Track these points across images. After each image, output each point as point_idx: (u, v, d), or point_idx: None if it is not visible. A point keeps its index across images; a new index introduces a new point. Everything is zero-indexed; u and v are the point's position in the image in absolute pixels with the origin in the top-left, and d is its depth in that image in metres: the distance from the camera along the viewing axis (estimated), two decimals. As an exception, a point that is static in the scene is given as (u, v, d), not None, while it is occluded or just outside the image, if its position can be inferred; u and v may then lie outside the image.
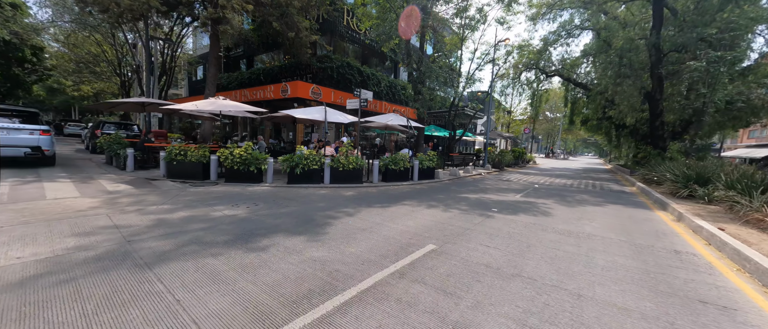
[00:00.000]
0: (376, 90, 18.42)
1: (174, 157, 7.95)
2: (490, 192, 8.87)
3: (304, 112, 9.29)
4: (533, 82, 25.69)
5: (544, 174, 16.55)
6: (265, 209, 5.46)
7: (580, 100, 26.18)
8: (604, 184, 12.59)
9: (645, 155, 16.85)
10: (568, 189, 10.40)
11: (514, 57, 21.93)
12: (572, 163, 35.43)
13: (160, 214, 4.73)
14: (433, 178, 11.32)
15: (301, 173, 8.18)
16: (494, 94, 19.71)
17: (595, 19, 18.30)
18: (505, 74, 24.74)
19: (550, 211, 6.44)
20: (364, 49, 20.69)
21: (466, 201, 7.27)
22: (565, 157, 59.36)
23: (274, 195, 6.82)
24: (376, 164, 9.42)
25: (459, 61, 18.77)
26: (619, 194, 9.76)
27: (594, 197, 8.82)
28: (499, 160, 19.38)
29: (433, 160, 11.19)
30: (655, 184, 10.99)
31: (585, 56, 22.93)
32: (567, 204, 7.48)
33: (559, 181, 13.13)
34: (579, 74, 24.58)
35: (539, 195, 8.83)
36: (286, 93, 15.21)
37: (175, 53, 21.24)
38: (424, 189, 8.90)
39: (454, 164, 15.34)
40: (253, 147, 9.92)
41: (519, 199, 7.87)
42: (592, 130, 27.26)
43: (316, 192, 7.53)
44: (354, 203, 6.39)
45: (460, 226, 4.92)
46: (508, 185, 10.98)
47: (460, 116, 22.44)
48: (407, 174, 10.27)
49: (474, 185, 10.51)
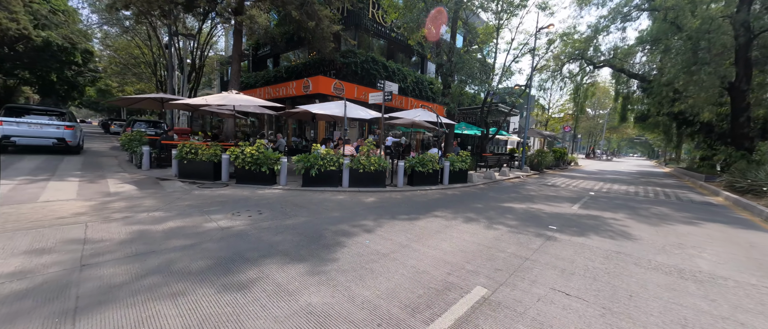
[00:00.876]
0: (402, 85, 17.29)
1: (185, 155, 7.41)
2: (538, 201, 7.38)
3: (323, 107, 8.41)
4: (577, 75, 23.07)
5: (593, 178, 14.40)
6: (268, 220, 4.56)
7: (633, 95, 23.04)
8: (678, 193, 10.41)
9: (725, 157, 14.08)
10: (634, 199, 8.55)
11: (558, 46, 19.64)
12: (618, 165, 31.71)
13: (145, 224, 3.99)
14: (466, 182, 9.96)
15: (316, 175, 7.28)
16: (532, 88, 17.69)
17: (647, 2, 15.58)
18: (545, 66, 22.43)
19: (630, 232, 4.92)
20: (389, 44, 19.65)
21: (512, 212, 5.92)
22: (609, 157, 54.04)
23: (284, 200, 5.96)
24: (401, 165, 8.30)
25: (494, 54, 17.02)
26: (706, 207, 7.78)
27: (676, 211, 7.00)
28: (539, 161, 17.36)
29: (467, 161, 9.84)
30: (752, 195, 8.75)
31: (641, 44, 19.98)
32: (645, 220, 5.84)
33: (617, 188, 11.12)
34: (633, 64, 21.58)
35: (601, 206, 7.19)
36: (308, 89, 14.56)
37: (204, 52, 21.61)
38: (456, 196, 7.63)
39: (487, 165, 13.79)
40: (267, 145, 9.25)
41: (578, 212, 6.34)
42: (648, 127, 23.92)
43: (333, 197, 6.58)
44: (374, 213, 5.32)
45: (515, 253, 3.65)
46: (557, 192, 9.32)
47: (492, 113, 20.60)
48: (436, 177, 9.04)
49: (515, 191, 9.01)
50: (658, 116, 20.01)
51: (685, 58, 13.10)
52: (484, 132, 17.70)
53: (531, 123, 30.75)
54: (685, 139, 25.16)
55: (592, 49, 20.96)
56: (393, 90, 8.59)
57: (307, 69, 17.00)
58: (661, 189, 11.10)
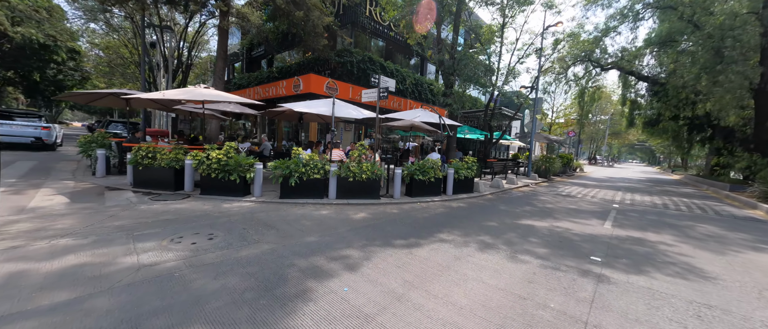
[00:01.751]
0: (400, 87, 16.24)
1: (140, 160, 6.21)
2: (560, 217, 6.20)
3: (308, 106, 7.25)
4: (582, 78, 22.13)
5: (606, 187, 13.27)
6: (216, 249, 3.36)
7: (642, 98, 22.06)
8: (710, 205, 9.27)
9: (748, 165, 13.00)
10: (667, 214, 7.39)
11: (565, 47, 18.68)
12: (623, 171, 30.70)
13: (29, 261, 2.79)
14: (472, 192, 8.79)
15: (297, 184, 6.09)
16: (538, 91, 16.67)
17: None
18: (550, 69, 21.51)
19: (697, 264, 3.75)
20: (388, 44, 18.67)
21: (536, 234, 4.74)
22: (610, 163, 53.14)
23: (251, 218, 4.76)
24: (399, 173, 7.12)
25: (498, 54, 16.00)
26: (756, 224, 6.63)
27: (727, 230, 5.84)
28: (546, 167, 16.23)
29: (473, 168, 8.68)
30: (801, 209, 7.62)
31: (649, 46, 19.08)
32: (701, 244, 4.68)
33: (640, 199, 9.97)
34: (643, 66, 20.64)
35: (636, 223, 6.02)
36: (299, 88, 13.44)
37: (192, 51, 20.50)
38: (463, 210, 6.44)
39: (493, 172, 12.66)
40: (243, 149, 8.06)
41: (614, 232, 5.16)
42: (657, 133, 22.92)
43: (314, 212, 5.38)
44: (363, 236, 4.13)
45: (563, 310, 2.47)
46: (576, 204, 8.16)
47: (496, 117, 19.55)
48: (438, 186, 7.86)
49: (529, 203, 7.84)
50: (671, 120, 18.97)
51: (707, 57, 12.08)
52: (488, 136, 16.59)
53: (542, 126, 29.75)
54: (695, 144, 24.15)
55: (599, 51, 20.08)
56: (389, 86, 7.47)
57: (301, 69, 15.94)
58: (688, 201, 9.96)
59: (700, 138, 22.42)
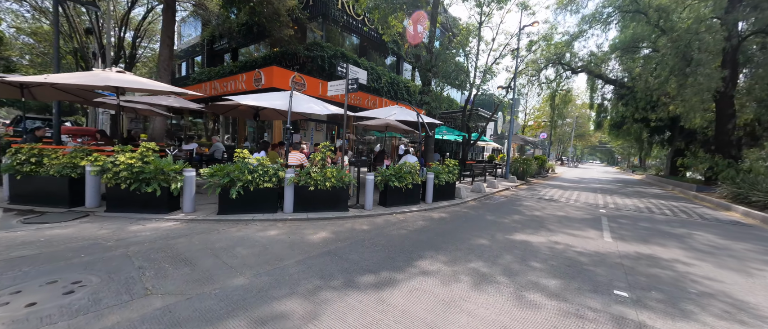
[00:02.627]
0: (375, 86, 15.21)
1: (18, 166, 4.57)
2: (554, 227, 5.45)
3: (258, 99, 5.94)
4: (554, 81, 22.53)
5: (581, 188, 13.14)
6: (66, 315, 2.05)
7: (609, 102, 22.86)
8: (689, 208, 9.14)
9: (710, 165, 13.45)
10: (655, 219, 6.97)
11: (539, 49, 18.73)
12: (588, 172, 32.02)
13: None
14: (453, 198, 7.92)
15: (241, 196, 4.78)
16: (510, 94, 16.43)
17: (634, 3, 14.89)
18: (524, 70, 21.65)
19: (733, 292, 3.03)
20: (362, 40, 17.59)
21: (536, 255, 3.86)
22: (575, 164, 55.98)
23: (163, 247, 3.42)
24: (370, 179, 6.02)
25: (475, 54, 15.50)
26: (744, 229, 6.33)
27: (723, 237, 5.40)
28: (524, 169, 15.98)
29: (454, 171, 7.81)
30: (776, 211, 7.58)
31: (614, 51, 19.75)
32: (714, 259, 4.07)
33: (621, 202, 9.69)
34: (610, 70, 21.35)
35: (633, 233, 5.41)
36: (260, 82, 11.90)
37: (137, 40, 18.02)
38: (446, 223, 5.49)
39: (473, 175, 11.99)
40: (174, 151, 6.58)
41: (619, 247, 4.44)
42: (622, 135, 23.92)
43: (258, 234, 4.13)
44: (316, 273, 2.98)
45: None
46: (562, 209, 7.56)
47: (473, 118, 19.18)
48: (416, 193, 6.88)
49: (515, 210, 7.09)
50: (636, 123, 19.71)
51: (675, 61, 12.31)
52: (466, 137, 16.04)
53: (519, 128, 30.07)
54: (655, 146, 25.58)
55: (569, 54, 20.50)
56: (359, 77, 6.36)
57: (267, 63, 14.40)
58: (666, 203, 9.84)
59: (660, 140, 23.69)
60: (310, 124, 14.33)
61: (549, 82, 22.53)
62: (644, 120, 18.08)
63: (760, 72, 11.73)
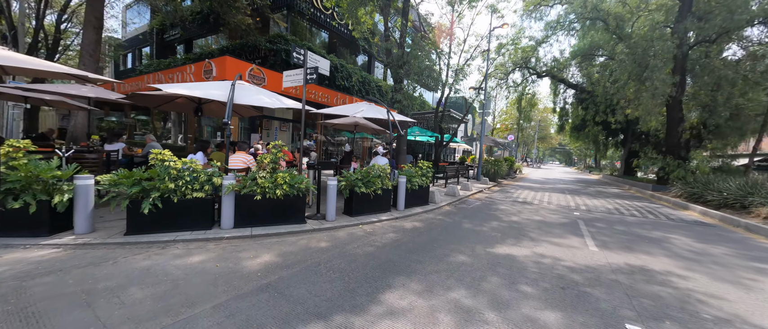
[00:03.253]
0: (345, 84, 14.33)
1: None
2: (536, 236, 4.99)
3: (192, 88, 4.82)
4: (520, 84, 23.23)
5: (550, 189, 13.31)
6: None
7: (569, 105, 24.01)
8: (650, 208, 9.38)
9: (662, 166, 14.31)
10: (627, 222, 6.88)
11: (510, 51, 19.05)
12: (550, 172, 33.73)
13: None
14: (427, 203, 7.29)
15: (159, 211, 3.67)
16: (481, 95, 16.43)
17: (595, 11, 15.59)
18: (494, 73, 22.06)
19: (745, 313, 2.63)
20: (331, 36, 16.60)
21: (525, 275, 3.27)
22: (538, 165, 59.16)
23: (7, 293, 2.29)
24: (332, 185, 5.14)
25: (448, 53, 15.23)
26: (710, 230, 6.39)
27: (701, 241, 5.29)
28: (495, 170, 15.99)
29: (428, 174, 7.18)
30: (730, 209, 7.91)
31: (574, 57, 20.76)
32: (706, 269, 3.78)
33: (590, 203, 9.74)
34: (572, 75, 22.40)
35: (614, 239, 5.11)
36: (211, 74, 10.47)
37: (61, 23, 15.40)
38: (421, 234, 4.78)
39: (446, 177, 11.55)
40: (65, 153, 5.30)
41: (608, 259, 4.03)
42: (582, 137, 25.28)
43: (177, 262, 3.09)
44: (239, 327, 2.07)
45: None
46: (537, 212, 7.25)
47: (446, 119, 18.99)
48: (387, 199, 6.13)
49: (493, 215, 6.61)
50: (596, 126, 20.79)
51: (633, 66, 12.88)
52: (439, 138, 15.69)
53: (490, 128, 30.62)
54: (610, 147, 27.39)
55: (534, 59, 21.21)
56: (319, 66, 5.47)
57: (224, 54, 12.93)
58: (629, 203, 10.07)
59: (615, 142, 25.36)
60: (274, 123, 13.07)
61: (516, 86, 23.16)
62: (603, 123, 19.05)
63: (706, 79, 12.63)
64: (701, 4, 11.87)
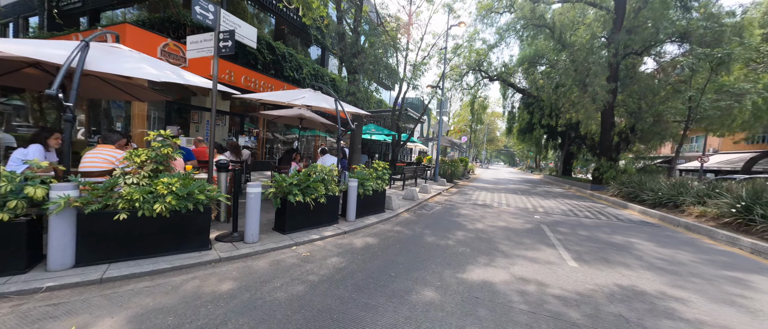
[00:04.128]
0: (294, 76, 12.66)
1: None
2: (508, 250, 4.27)
3: (40, 51, 3.05)
4: (474, 87, 23.87)
5: (503, 189, 13.42)
6: None
7: (519, 109, 25.36)
8: (598, 208, 9.67)
9: (598, 167, 15.50)
10: (586, 225, 6.71)
11: (465, 53, 19.18)
12: (498, 173, 35.81)
13: None
14: (383, 210, 6.25)
15: None
16: (439, 93, 16.16)
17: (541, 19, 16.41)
18: (449, 75, 22.23)
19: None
20: (279, 22, 14.67)
21: (511, 316, 2.38)
22: (486, 166, 63.08)
23: None
24: (254, 194, 3.75)
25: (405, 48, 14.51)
26: (656, 230, 6.48)
27: (659, 245, 5.14)
28: (452, 171, 15.77)
29: (384, 176, 6.14)
30: (665, 208, 8.39)
31: (521, 64, 21.92)
32: (689, 283, 3.37)
33: (545, 204, 9.74)
34: (517, 80, 23.62)
35: (585, 248, 4.66)
36: (106, 47, 7.99)
37: None
38: (374, 254, 3.69)
39: (404, 179, 10.72)
40: None
41: (594, 279, 3.41)
42: (527, 139, 26.96)
43: None
44: None
45: None
46: (500, 216, 6.73)
47: (403, 117, 18.35)
48: (333, 208, 4.92)
49: (456, 223, 5.85)
50: (541, 128, 22.15)
51: (576, 73, 13.61)
52: (396, 137, 14.90)
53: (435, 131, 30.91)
54: (550, 149, 29.80)
55: (486, 63, 21.88)
56: (243, 33, 4.04)
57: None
58: (578, 203, 10.36)
59: (554, 144, 27.57)
60: (205, 115, 10.87)
61: (470, 88, 23.73)
62: (547, 126, 20.27)
63: (634, 87, 13.89)
64: (631, 20, 12.98)
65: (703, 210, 7.17)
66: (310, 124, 9.39)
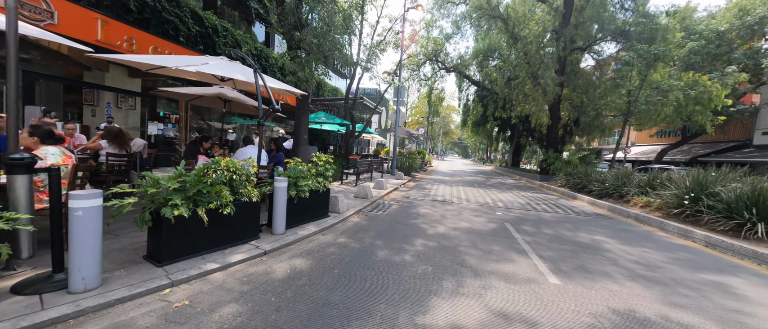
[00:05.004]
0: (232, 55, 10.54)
1: None
2: (478, 265, 3.43)
3: None
4: (430, 78, 23.59)
5: (459, 182, 13.15)
6: None
7: (473, 101, 25.79)
8: (551, 200, 9.68)
9: (545, 158, 16.15)
10: (548, 222, 6.34)
11: (422, 41, 18.48)
12: (453, 164, 36.80)
13: None
14: (326, 214, 5.05)
15: None
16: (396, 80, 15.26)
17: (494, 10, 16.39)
18: (407, 64, 21.50)
19: None
20: (215, -8, 12.03)
21: None
22: (442, 158, 65.10)
23: None
24: (89, 210, 2.28)
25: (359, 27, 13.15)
26: (614, 223, 6.37)
27: (622, 241, 4.83)
28: (409, 164, 15.09)
29: (327, 173, 4.91)
30: (611, 198, 8.61)
31: (476, 57, 22.16)
32: (679, 295, 2.87)
33: (504, 198, 9.46)
34: (472, 73, 23.89)
35: (556, 252, 4.08)
36: None
37: None
38: (300, 294, 2.51)
39: (358, 173, 9.58)
40: None
41: (584, 306, 2.70)
42: (480, 132, 27.74)
43: None
44: None
45: None
46: (461, 215, 6.04)
47: (358, 107, 17.08)
48: (251, 219, 3.59)
49: (414, 227, 4.92)
50: (494, 120, 22.71)
51: (528, 66, 13.72)
52: (350, 127, 13.62)
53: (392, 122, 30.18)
54: (501, 141, 31.23)
55: (443, 53, 21.65)
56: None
57: None
58: (533, 196, 10.32)
59: (504, 137, 28.84)
60: (106, 95, 8.36)
61: (427, 79, 23.38)
62: (500, 118, 20.76)
63: (579, 82, 14.54)
64: (577, 15, 13.40)
65: (647, 201, 7.36)
66: (238, 108, 7.66)
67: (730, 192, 5.29)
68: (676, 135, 22.36)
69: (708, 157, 20.57)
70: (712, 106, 11.35)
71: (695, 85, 11.20)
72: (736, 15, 16.33)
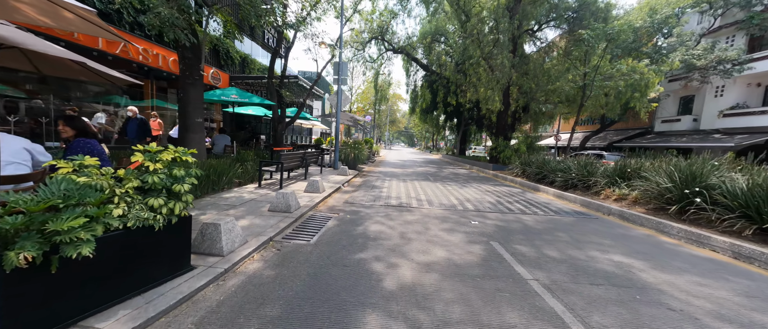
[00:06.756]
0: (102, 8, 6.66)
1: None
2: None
3: None
4: (376, 60, 21.53)
5: (413, 176, 11.53)
6: None
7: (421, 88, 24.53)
8: (517, 195, 8.57)
9: (496, 146, 15.62)
10: (534, 230, 4.90)
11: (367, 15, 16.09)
12: (401, 153, 35.90)
13: None
14: (187, 263, 2.58)
15: None
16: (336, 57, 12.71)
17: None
18: (349, 42, 18.96)
19: None
20: None
21: None
22: (389, 147, 64.44)
23: None
24: None
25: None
26: (605, 226, 5.24)
27: (644, 261, 3.50)
28: (355, 155, 12.87)
29: (184, 186, 2.44)
30: (578, 190, 7.80)
31: (423, 39, 20.81)
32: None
33: (467, 195, 7.98)
34: (422, 57, 22.52)
35: (583, 290, 2.43)
36: None
37: None
38: None
39: (281, 171, 6.97)
40: None
41: None
42: (429, 120, 26.84)
43: None
44: None
45: None
46: (430, 230, 4.17)
47: (292, 88, 14.03)
48: None
49: (359, 276, 2.81)
50: (445, 107, 21.77)
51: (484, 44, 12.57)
52: (278, 113, 10.76)
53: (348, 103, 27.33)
54: (447, 129, 31.04)
55: (390, 32, 19.76)
56: None
57: None
58: (497, 190, 9.14)
59: (451, 125, 28.57)
60: None
61: (373, 61, 21.27)
62: (450, 104, 19.85)
63: (530, 66, 14.03)
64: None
65: (621, 194, 6.57)
66: (91, 76, 4.40)
67: (733, 185, 4.42)
68: (595, 123, 24.57)
69: (620, 142, 23.01)
70: (647, 93, 11.72)
71: (634, 72, 11.36)
72: (648, 12, 17.92)
